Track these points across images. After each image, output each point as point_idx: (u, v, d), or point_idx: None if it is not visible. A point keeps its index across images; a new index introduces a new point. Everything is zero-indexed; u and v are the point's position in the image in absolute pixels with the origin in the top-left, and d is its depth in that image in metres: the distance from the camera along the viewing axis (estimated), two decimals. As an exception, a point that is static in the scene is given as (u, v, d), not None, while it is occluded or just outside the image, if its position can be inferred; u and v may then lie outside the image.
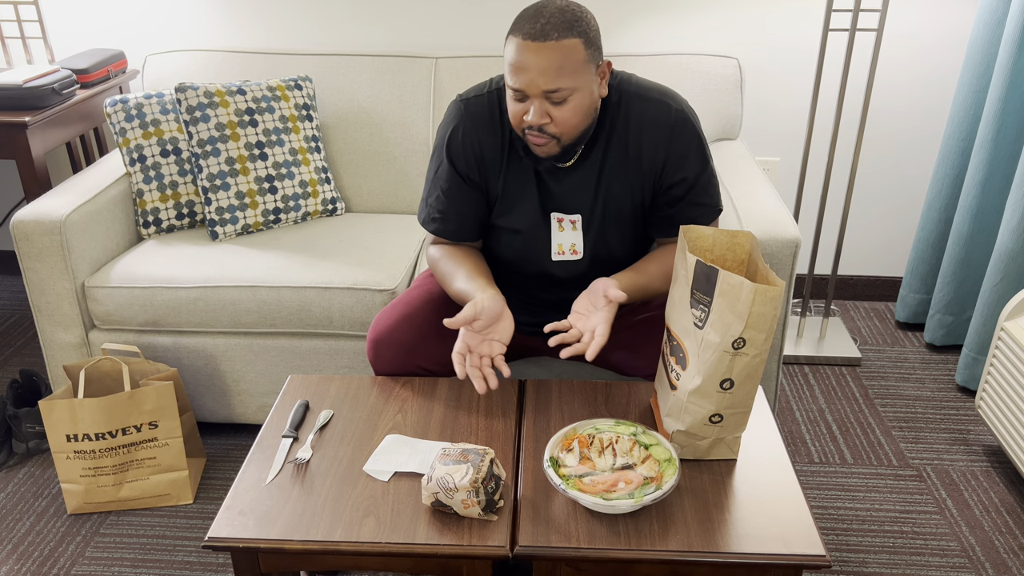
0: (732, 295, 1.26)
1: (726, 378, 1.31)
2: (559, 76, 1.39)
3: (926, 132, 2.71)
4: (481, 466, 1.27)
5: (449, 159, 1.60)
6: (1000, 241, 2.25)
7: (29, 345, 2.67)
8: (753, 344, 1.28)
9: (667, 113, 1.53)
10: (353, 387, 1.62)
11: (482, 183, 1.61)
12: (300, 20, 2.64)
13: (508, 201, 1.61)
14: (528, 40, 1.38)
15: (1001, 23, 2.33)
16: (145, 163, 2.24)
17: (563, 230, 1.62)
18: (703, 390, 1.33)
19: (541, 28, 1.37)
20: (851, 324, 2.79)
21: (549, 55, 1.37)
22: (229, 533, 1.27)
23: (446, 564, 1.28)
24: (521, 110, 1.45)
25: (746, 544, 1.24)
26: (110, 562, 1.85)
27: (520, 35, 1.39)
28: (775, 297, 1.24)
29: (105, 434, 1.89)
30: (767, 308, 1.25)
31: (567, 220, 1.61)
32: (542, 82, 1.39)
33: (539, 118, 1.43)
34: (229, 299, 2.03)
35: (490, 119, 1.58)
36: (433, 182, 1.64)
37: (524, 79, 1.40)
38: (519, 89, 1.42)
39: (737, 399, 1.34)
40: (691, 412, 1.35)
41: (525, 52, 1.38)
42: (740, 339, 1.27)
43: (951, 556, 1.86)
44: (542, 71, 1.38)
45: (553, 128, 1.45)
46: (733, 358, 1.29)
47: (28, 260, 2.02)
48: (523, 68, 1.39)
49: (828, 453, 2.19)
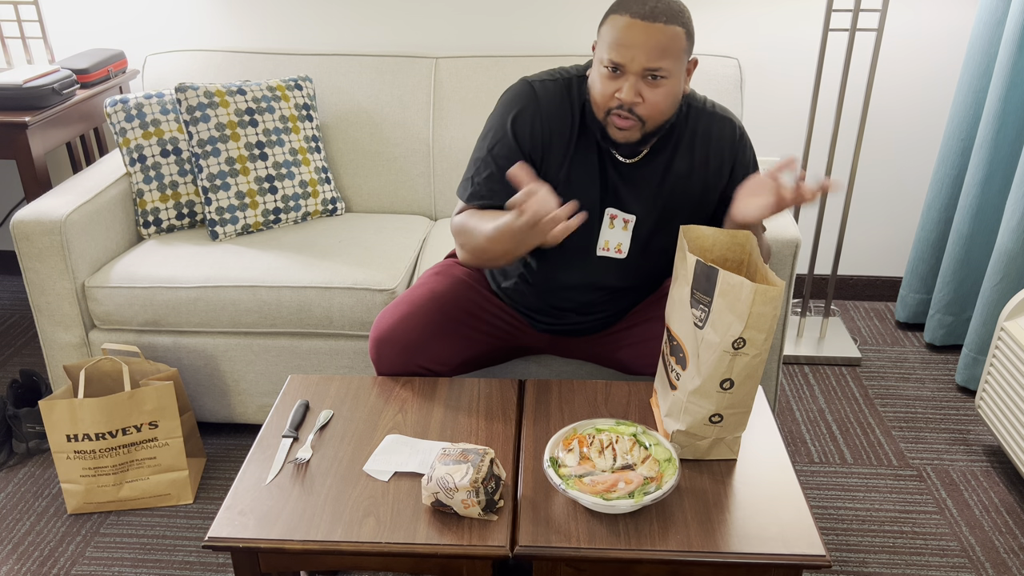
0: (732, 295, 1.26)
1: (726, 378, 1.31)
2: (663, 56, 1.43)
3: (926, 132, 2.71)
4: (481, 466, 1.27)
5: (514, 136, 1.57)
6: (1000, 241, 2.25)
7: (29, 345, 2.67)
8: (753, 344, 1.28)
9: (732, 130, 1.63)
10: (353, 387, 1.62)
11: (540, 167, 1.60)
12: (300, 20, 2.64)
13: (566, 189, 1.59)
14: (637, 19, 1.42)
15: (1001, 23, 2.33)
16: (145, 163, 2.24)
17: (613, 228, 1.62)
18: (703, 390, 1.33)
19: (651, 9, 1.42)
20: (851, 324, 2.80)
21: (656, 35, 1.42)
22: (229, 533, 1.27)
23: (446, 564, 1.28)
24: (613, 87, 1.46)
25: (746, 544, 1.24)
26: (110, 562, 1.85)
27: (628, 14, 1.43)
28: (775, 297, 1.24)
29: (105, 434, 1.89)
30: (767, 308, 1.25)
31: (620, 218, 1.62)
32: (645, 59, 1.42)
33: (632, 96, 1.45)
34: (229, 299, 2.03)
35: (560, 105, 1.57)
36: (485, 161, 1.60)
37: (627, 54, 1.43)
38: (620, 63, 1.44)
39: (737, 399, 1.34)
40: (691, 412, 1.36)
41: (632, 29, 1.42)
42: (740, 339, 1.27)
43: (951, 556, 1.86)
44: (648, 49, 1.42)
45: (642, 110, 1.47)
46: (733, 358, 1.29)
47: (28, 260, 2.02)
48: (628, 44, 1.42)
49: (828, 453, 2.19)
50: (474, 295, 1.74)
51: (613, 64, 1.44)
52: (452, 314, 1.68)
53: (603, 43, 1.46)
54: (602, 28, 1.47)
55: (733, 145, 1.62)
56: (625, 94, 1.45)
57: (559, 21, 2.61)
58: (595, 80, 1.49)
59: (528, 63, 2.40)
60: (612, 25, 1.44)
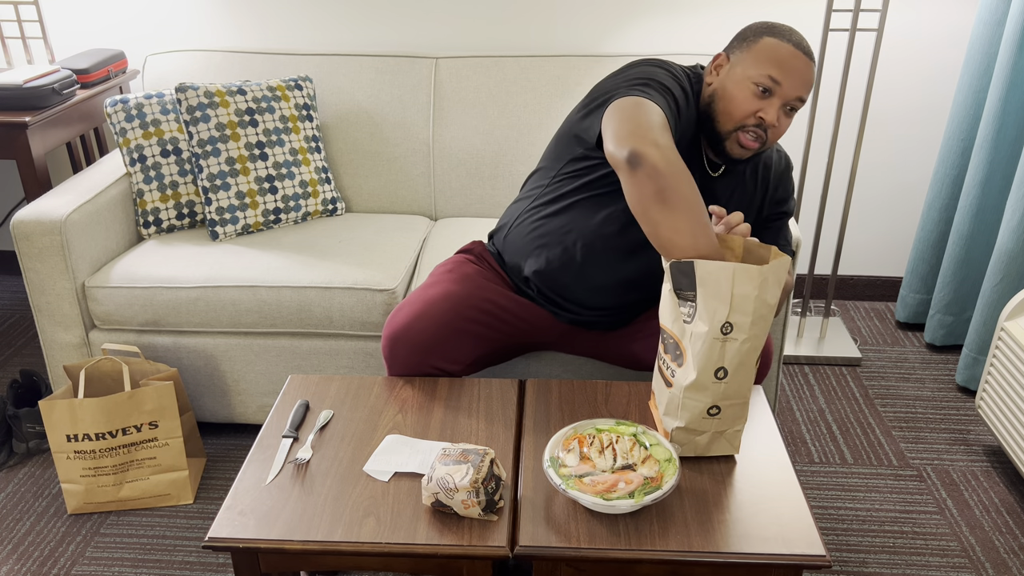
0: (712, 281, 1.29)
1: (719, 366, 1.33)
2: (809, 90, 1.54)
3: (926, 132, 2.71)
4: (481, 466, 1.27)
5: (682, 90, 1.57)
6: (1000, 241, 2.25)
7: (29, 345, 2.67)
8: (740, 328, 1.30)
9: (782, 159, 1.74)
10: (353, 387, 1.62)
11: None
12: (300, 20, 2.64)
13: None
14: (799, 51, 1.51)
15: (1001, 23, 2.33)
16: (145, 163, 2.24)
17: None
18: (699, 383, 1.34)
19: (807, 48, 1.52)
20: (851, 324, 2.80)
21: (809, 72, 1.52)
22: (229, 533, 1.27)
23: (446, 564, 1.28)
24: (758, 106, 1.52)
25: (746, 544, 1.24)
26: (110, 562, 1.85)
27: (790, 43, 1.51)
28: (754, 276, 1.26)
29: (105, 434, 1.89)
30: (748, 288, 1.27)
31: None
32: (800, 89, 1.51)
33: (775, 119, 1.52)
34: (229, 299, 2.03)
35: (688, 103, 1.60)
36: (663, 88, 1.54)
37: (790, 80, 1.50)
38: (779, 82, 1.50)
39: (732, 389, 1.35)
40: (688, 407, 1.36)
41: (796, 58, 1.50)
42: (727, 323, 1.30)
43: (951, 556, 1.86)
44: (803, 80, 1.51)
45: (771, 134, 1.54)
46: (723, 344, 1.31)
47: (28, 260, 2.02)
48: (793, 71, 1.50)
49: (828, 453, 2.19)
50: (487, 292, 1.72)
51: (772, 81, 1.50)
52: (465, 313, 1.67)
53: (755, 60, 1.51)
54: (751, 46, 1.52)
55: (781, 174, 1.73)
56: (770, 115, 1.51)
57: (559, 21, 2.61)
58: (735, 92, 1.53)
59: (528, 63, 2.40)
60: (773, 47, 1.50)
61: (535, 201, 1.73)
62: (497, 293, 1.73)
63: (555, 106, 2.39)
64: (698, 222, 1.33)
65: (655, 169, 1.34)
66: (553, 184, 1.70)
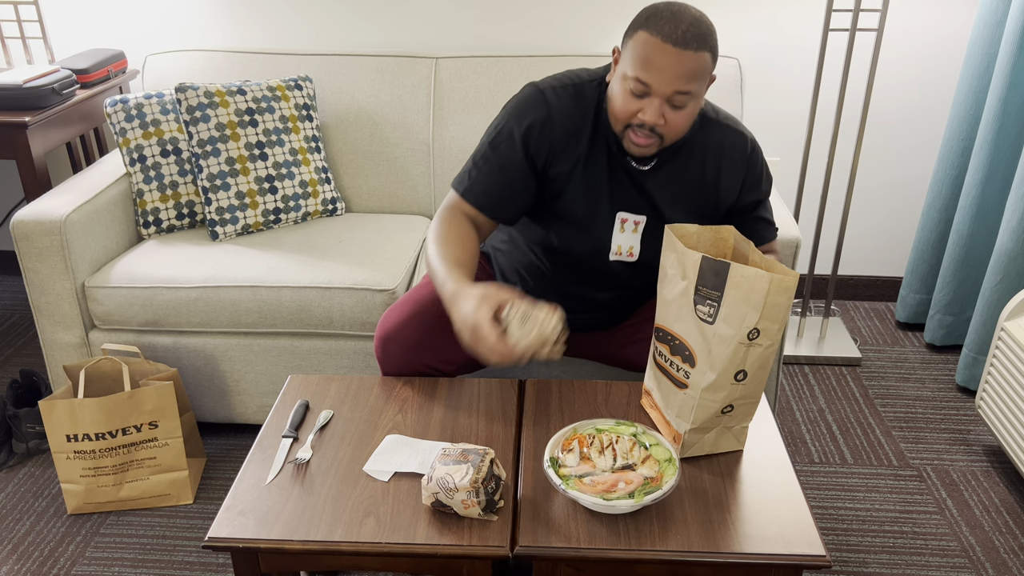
0: (746, 287, 1.27)
1: (740, 370, 1.33)
2: (690, 82, 1.42)
3: (926, 132, 2.71)
4: (481, 466, 1.27)
5: (523, 141, 1.55)
6: (1000, 241, 2.25)
7: (29, 345, 2.67)
8: (767, 335, 1.30)
9: (743, 142, 1.62)
10: (353, 387, 1.62)
11: (546, 174, 1.59)
12: (300, 20, 2.64)
13: (576, 195, 1.59)
14: (668, 43, 1.39)
15: (1001, 23, 2.33)
16: (145, 163, 2.24)
17: (624, 231, 1.62)
18: (718, 384, 1.34)
19: (682, 35, 1.39)
20: (851, 324, 2.80)
21: (686, 62, 1.40)
22: (229, 533, 1.27)
23: (446, 564, 1.28)
24: (636, 107, 1.45)
25: (746, 544, 1.24)
26: (110, 562, 1.85)
27: (659, 35, 1.40)
28: (790, 287, 1.27)
29: (105, 434, 1.89)
30: (782, 298, 1.27)
31: (631, 220, 1.61)
32: (673, 84, 1.41)
33: (656, 118, 1.44)
34: (229, 299, 2.03)
35: (571, 112, 1.56)
36: (486, 157, 1.58)
37: (657, 78, 1.41)
38: (647, 84, 1.42)
39: (749, 390, 1.36)
40: (704, 408, 1.36)
41: (664, 54, 1.40)
42: (755, 330, 1.29)
43: (951, 556, 1.86)
44: (677, 75, 1.40)
45: (663, 129, 1.47)
46: (748, 350, 1.31)
47: (28, 260, 2.02)
48: (658, 68, 1.40)
49: (828, 453, 2.19)
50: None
51: (641, 84, 1.42)
52: None
53: (629, 58, 1.44)
54: (629, 41, 1.44)
55: (744, 160, 1.62)
56: (649, 116, 1.44)
57: (559, 21, 2.61)
58: (616, 94, 1.47)
59: (528, 63, 2.40)
60: (641, 43, 1.41)
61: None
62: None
63: (555, 106, 2.39)
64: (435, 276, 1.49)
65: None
66: None
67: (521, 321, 1.32)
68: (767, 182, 1.66)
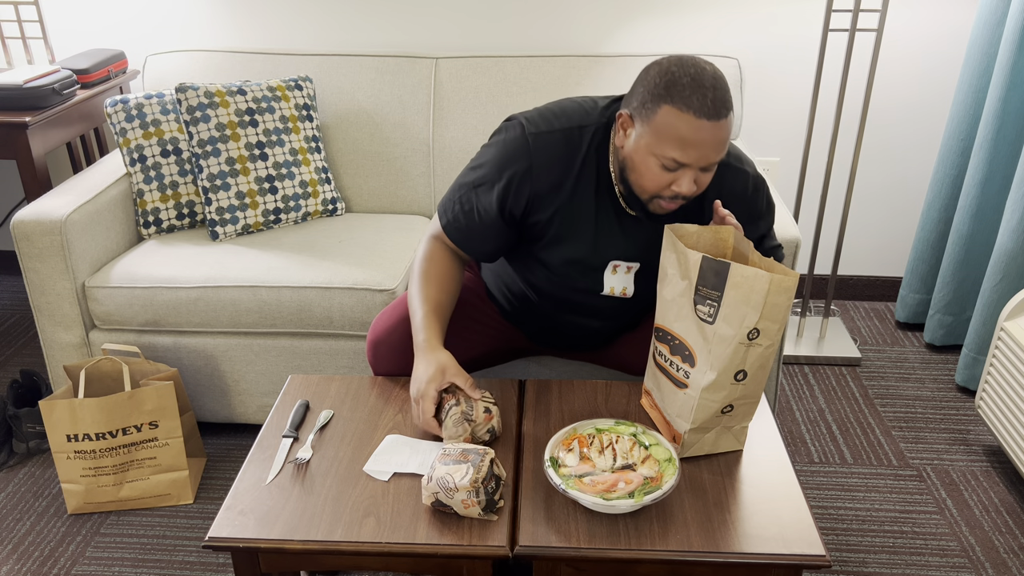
0: (746, 287, 1.27)
1: (740, 370, 1.33)
2: (723, 148, 1.36)
3: (926, 132, 2.71)
4: (481, 466, 1.27)
5: (500, 197, 1.49)
6: (1000, 241, 2.25)
7: (29, 345, 2.67)
8: (767, 335, 1.30)
9: (744, 182, 1.54)
10: (353, 387, 1.62)
11: (528, 220, 1.52)
12: (300, 20, 2.64)
13: (562, 240, 1.53)
14: (703, 119, 1.31)
15: (1001, 23, 2.33)
16: (145, 163, 2.24)
17: (616, 274, 1.57)
18: (718, 383, 1.34)
19: (712, 104, 1.31)
20: (851, 324, 2.80)
21: (720, 132, 1.34)
22: (229, 533, 1.27)
23: (446, 564, 1.28)
24: (669, 180, 1.38)
25: (746, 544, 1.24)
26: (110, 562, 1.85)
27: (691, 112, 1.31)
28: (789, 287, 1.27)
29: (105, 434, 1.89)
30: (781, 298, 1.27)
31: (624, 266, 1.56)
32: (712, 157, 1.35)
33: (692, 188, 1.38)
34: (229, 299, 2.03)
35: (556, 162, 1.48)
36: (467, 199, 1.53)
37: (694, 155, 1.34)
38: (684, 163, 1.35)
39: (749, 390, 1.36)
40: (704, 408, 1.36)
41: (699, 130, 1.32)
42: (755, 330, 1.29)
43: (951, 556, 1.86)
44: (715, 148, 1.35)
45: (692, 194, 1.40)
46: (748, 349, 1.31)
47: (28, 260, 2.02)
48: (695, 145, 1.33)
49: (828, 453, 2.19)
50: (473, 299, 1.74)
51: (675, 163, 1.35)
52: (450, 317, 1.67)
53: (655, 135, 1.34)
54: (650, 115, 1.34)
55: (744, 201, 1.54)
56: (685, 188, 1.37)
57: (559, 21, 2.61)
58: (642, 168, 1.39)
59: (528, 63, 2.40)
60: (672, 121, 1.32)
61: None
62: (482, 303, 1.74)
63: (555, 106, 2.39)
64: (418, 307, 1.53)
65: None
66: None
67: (456, 424, 1.41)
68: (769, 215, 1.60)
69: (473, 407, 1.42)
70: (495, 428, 1.45)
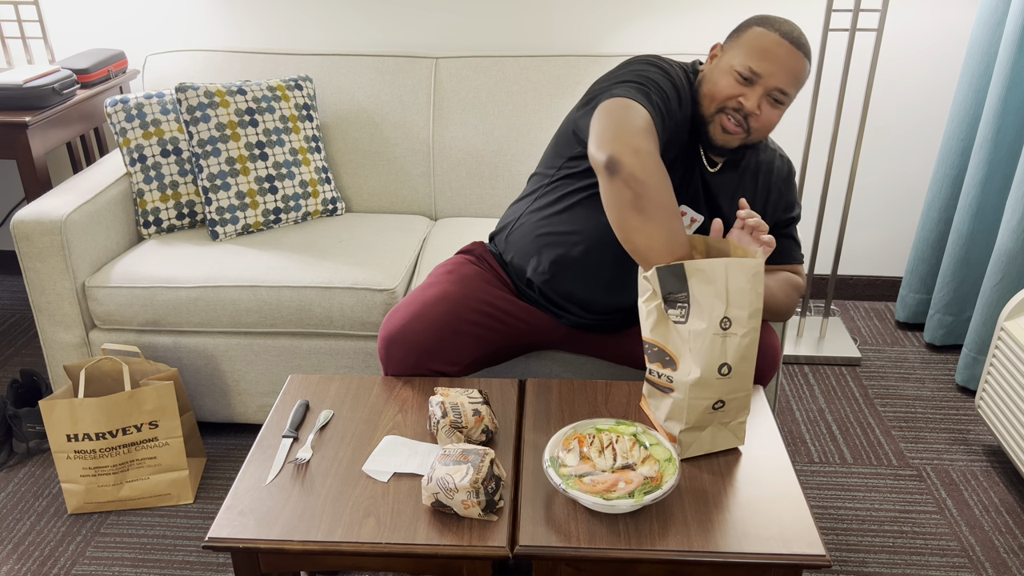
0: (704, 278, 1.30)
1: (722, 362, 1.34)
2: (795, 83, 1.51)
3: (926, 132, 2.71)
4: (481, 466, 1.27)
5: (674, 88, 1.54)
6: (1000, 241, 2.25)
7: (29, 345, 2.67)
8: (739, 323, 1.31)
9: (788, 167, 1.73)
10: (353, 387, 1.62)
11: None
12: (300, 20, 2.64)
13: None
14: (786, 40, 1.49)
15: (1001, 23, 2.33)
16: (145, 163, 2.24)
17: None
18: (704, 380, 1.34)
19: (797, 38, 1.50)
20: (851, 324, 2.80)
21: (797, 63, 1.50)
22: (229, 533, 1.27)
23: (446, 564, 1.28)
24: (739, 91, 1.51)
25: (746, 544, 1.24)
26: (110, 562, 1.85)
27: (778, 32, 1.49)
28: (750, 268, 1.28)
29: (105, 434, 1.89)
30: (744, 281, 1.29)
31: (690, 216, 1.66)
32: (782, 80, 1.50)
33: (755, 106, 1.50)
34: (229, 299, 2.03)
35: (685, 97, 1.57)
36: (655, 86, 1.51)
37: (769, 68, 1.48)
38: (759, 74, 1.49)
39: (736, 383, 1.37)
40: (694, 407, 1.36)
41: (780, 47, 1.48)
42: (725, 319, 1.31)
43: (951, 556, 1.86)
44: (787, 71, 1.49)
45: (755, 122, 1.53)
46: (724, 340, 1.32)
47: (28, 260, 2.02)
48: (773, 59, 1.48)
49: (828, 453, 2.19)
50: (486, 294, 1.72)
51: (751, 72, 1.49)
52: (463, 314, 1.67)
53: (741, 49, 1.50)
54: (740, 36, 1.52)
55: (787, 182, 1.71)
56: (750, 102, 1.50)
57: (558, 21, 2.61)
58: (718, 78, 1.52)
59: (528, 63, 2.40)
60: (758, 37, 1.49)
61: (536, 201, 1.72)
62: (496, 296, 1.73)
63: (555, 106, 2.39)
64: (673, 230, 1.34)
65: (632, 176, 1.35)
66: (554, 183, 1.70)
67: (448, 435, 1.43)
68: (799, 206, 1.76)
69: (461, 414, 1.43)
70: (489, 427, 1.45)
